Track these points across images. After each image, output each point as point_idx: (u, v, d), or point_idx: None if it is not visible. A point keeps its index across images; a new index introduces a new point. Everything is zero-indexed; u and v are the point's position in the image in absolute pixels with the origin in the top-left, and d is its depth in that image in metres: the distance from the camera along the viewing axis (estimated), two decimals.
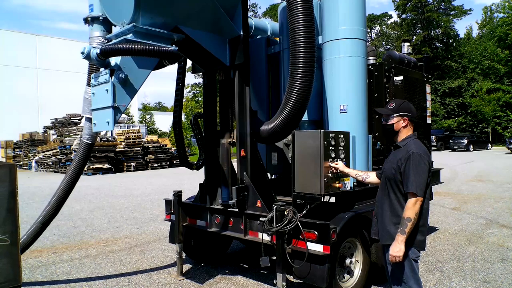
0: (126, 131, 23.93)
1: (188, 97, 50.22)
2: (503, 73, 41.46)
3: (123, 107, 3.30)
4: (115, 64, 3.32)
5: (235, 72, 4.25)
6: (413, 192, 2.66)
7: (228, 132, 4.48)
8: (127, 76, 3.31)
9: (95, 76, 3.45)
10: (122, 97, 3.30)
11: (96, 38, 3.93)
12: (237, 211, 4.20)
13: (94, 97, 3.47)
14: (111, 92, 3.21)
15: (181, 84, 5.18)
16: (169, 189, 11.90)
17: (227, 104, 4.48)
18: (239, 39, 4.17)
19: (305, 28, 3.77)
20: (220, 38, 4.20)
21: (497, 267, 4.98)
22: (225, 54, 4.25)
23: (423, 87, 5.95)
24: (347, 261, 4.03)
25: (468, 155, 27.13)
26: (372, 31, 58.74)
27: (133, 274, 5.02)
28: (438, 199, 9.84)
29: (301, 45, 3.78)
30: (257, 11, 49.68)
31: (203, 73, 4.73)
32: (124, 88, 3.31)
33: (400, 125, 2.93)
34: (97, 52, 3.14)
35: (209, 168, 4.61)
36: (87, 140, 4.26)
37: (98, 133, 4.23)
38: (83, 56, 3.24)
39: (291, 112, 3.92)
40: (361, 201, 4.40)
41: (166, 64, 4.11)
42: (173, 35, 3.65)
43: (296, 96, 3.86)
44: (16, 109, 31.12)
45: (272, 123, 4.13)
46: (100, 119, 3.44)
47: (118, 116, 3.35)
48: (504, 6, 43.85)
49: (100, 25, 4.08)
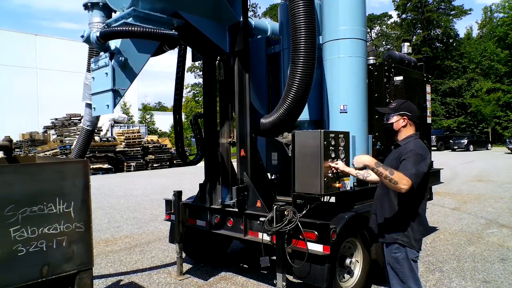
0: (126, 131, 23.94)
1: (188, 97, 50.24)
2: (503, 73, 41.46)
3: (122, 90, 3.29)
4: (114, 47, 3.31)
5: (235, 59, 4.25)
6: (408, 176, 2.56)
7: (228, 132, 4.48)
8: (127, 59, 3.30)
9: (95, 60, 3.44)
10: (121, 80, 3.29)
11: (95, 24, 3.91)
12: (237, 211, 4.20)
13: (94, 81, 3.46)
14: (110, 76, 3.20)
15: (181, 73, 5.22)
16: (169, 189, 11.89)
17: (227, 97, 4.47)
18: (239, 26, 4.17)
19: (306, 20, 3.78)
20: (220, 25, 4.20)
21: (497, 267, 4.98)
22: (225, 41, 4.26)
23: (423, 87, 5.95)
24: (347, 261, 4.03)
25: (468, 155, 27.14)
26: (372, 31, 58.75)
27: (133, 274, 5.01)
28: (438, 199, 9.84)
29: (302, 36, 3.78)
30: (257, 11, 49.72)
31: (203, 61, 4.74)
32: (124, 71, 3.31)
33: (400, 124, 2.93)
34: (97, 35, 3.13)
35: (209, 168, 4.61)
36: (88, 126, 4.25)
37: (98, 118, 4.21)
38: (82, 39, 3.22)
39: (292, 104, 3.91)
40: (361, 201, 4.40)
41: (166, 49, 4.10)
42: (173, 20, 3.66)
43: (296, 88, 3.85)
44: (16, 109, 31.08)
45: (272, 116, 4.13)
46: (99, 103, 3.43)
47: (118, 100, 3.33)
48: (504, 6, 43.85)
49: (100, 11, 4.06)
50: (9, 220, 2.23)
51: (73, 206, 2.50)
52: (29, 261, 2.32)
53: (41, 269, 2.37)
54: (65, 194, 2.47)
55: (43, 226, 2.37)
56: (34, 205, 2.33)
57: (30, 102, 32.59)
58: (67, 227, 2.48)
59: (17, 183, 2.28)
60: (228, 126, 4.50)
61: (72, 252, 2.51)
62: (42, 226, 2.36)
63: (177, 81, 5.23)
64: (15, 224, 2.26)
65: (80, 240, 2.55)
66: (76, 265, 2.54)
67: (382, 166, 2.64)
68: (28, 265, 2.31)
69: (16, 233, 2.26)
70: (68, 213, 2.48)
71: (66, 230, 2.47)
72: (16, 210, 2.26)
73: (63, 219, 2.46)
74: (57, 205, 2.43)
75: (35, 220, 2.34)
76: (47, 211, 2.38)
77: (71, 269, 2.51)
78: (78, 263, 2.54)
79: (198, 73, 49.86)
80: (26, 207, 2.30)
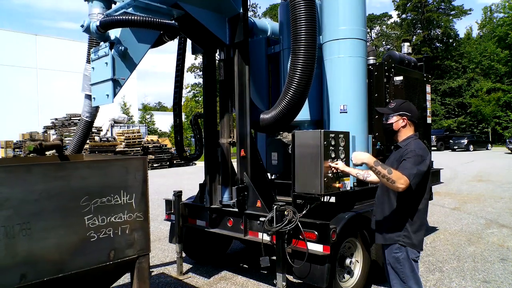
0: (126, 131, 23.92)
1: (188, 97, 50.22)
2: (503, 73, 41.44)
3: (122, 80, 3.29)
4: (114, 37, 3.32)
5: (235, 51, 4.26)
6: (406, 176, 2.56)
7: (228, 132, 4.48)
8: (127, 49, 3.31)
9: (95, 50, 3.45)
10: (121, 70, 3.30)
11: (95, 15, 3.93)
12: (237, 211, 4.20)
13: (94, 71, 3.46)
14: (110, 65, 3.21)
15: (181, 65, 5.23)
16: (169, 189, 11.87)
17: (227, 91, 4.47)
18: (239, 18, 4.18)
19: (307, 18, 3.79)
20: (220, 17, 4.21)
21: (497, 267, 4.98)
22: (224, 33, 4.27)
23: (423, 87, 5.95)
24: (347, 261, 4.03)
25: (468, 155, 27.13)
26: (372, 31, 58.74)
27: None
28: (438, 199, 9.84)
29: (302, 32, 3.79)
30: (257, 11, 49.71)
31: (203, 54, 4.75)
32: (124, 61, 3.31)
33: (399, 124, 2.93)
34: (97, 24, 3.14)
35: (209, 168, 4.61)
36: (87, 117, 4.25)
37: (97, 110, 4.22)
38: (82, 29, 3.23)
39: (292, 100, 3.92)
40: (361, 201, 4.40)
41: (166, 40, 4.10)
42: (173, 11, 3.68)
43: (297, 82, 3.86)
44: (16, 109, 31.08)
45: (272, 111, 4.13)
46: (99, 93, 3.43)
47: (118, 89, 3.34)
48: (504, 6, 43.81)
49: (100, 2, 4.06)
50: (84, 209, 2.51)
51: (134, 197, 2.76)
52: (99, 246, 2.59)
53: (108, 254, 2.63)
54: (128, 187, 2.73)
55: (110, 215, 2.64)
56: (104, 196, 2.60)
57: (30, 102, 32.58)
58: (130, 216, 2.74)
59: (90, 177, 2.56)
60: (228, 126, 4.50)
61: (133, 239, 2.77)
62: (110, 215, 2.63)
63: (177, 74, 5.26)
64: (88, 213, 2.53)
65: (140, 228, 2.80)
66: (137, 250, 2.79)
67: (380, 165, 2.64)
68: (99, 250, 2.59)
69: (89, 221, 2.53)
70: (131, 204, 2.75)
71: (129, 219, 2.73)
72: (90, 201, 2.54)
73: (127, 209, 2.72)
74: (122, 197, 2.70)
75: (104, 210, 2.61)
76: (114, 202, 2.66)
77: (133, 254, 2.78)
78: (138, 248, 2.80)
79: (198, 73, 49.86)
80: (97, 198, 2.57)
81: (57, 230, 2.40)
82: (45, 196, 2.35)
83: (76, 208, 2.48)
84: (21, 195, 2.27)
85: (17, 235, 2.24)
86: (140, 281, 2.84)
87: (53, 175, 2.41)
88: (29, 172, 2.33)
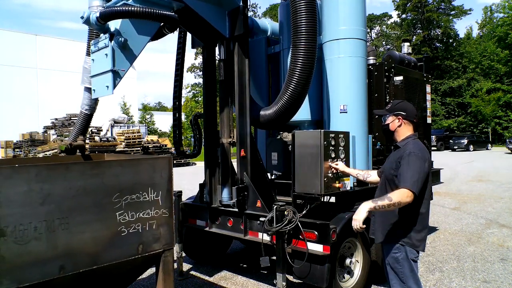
0: (126, 131, 23.91)
1: (188, 97, 50.24)
2: (503, 73, 41.44)
3: (122, 71, 3.29)
4: (114, 29, 3.32)
5: (235, 44, 4.25)
6: (408, 187, 2.58)
7: (228, 132, 4.48)
8: (127, 40, 3.32)
9: (95, 42, 3.44)
10: (121, 61, 3.30)
11: (95, 8, 3.93)
12: (237, 211, 4.20)
13: (94, 63, 3.46)
14: (110, 56, 3.20)
15: (181, 59, 5.22)
16: None
17: (227, 88, 4.47)
18: (239, 11, 4.18)
19: (307, 16, 3.78)
20: (219, 10, 4.21)
21: (497, 267, 4.98)
22: (224, 26, 4.27)
23: (423, 87, 5.95)
24: (347, 261, 4.03)
25: (468, 155, 27.13)
26: (372, 31, 58.76)
27: None
28: (438, 199, 9.84)
29: (303, 29, 3.79)
30: (257, 11, 49.73)
31: (203, 48, 4.74)
32: (123, 52, 3.31)
33: (395, 124, 2.92)
34: (97, 15, 3.14)
35: (209, 168, 4.61)
36: (86, 110, 4.23)
37: (97, 102, 4.21)
38: (82, 20, 3.22)
39: (292, 96, 3.91)
40: (361, 201, 4.38)
41: (166, 33, 4.10)
42: (173, 3, 3.67)
43: (297, 79, 3.85)
44: (16, 109, 31.10)
45: (272, 108, 4.13)
46: (99, 84, 3.42)
47: (118, 81, 3.33)
48: (504, 6, 43.83)
49: None
50: (115, 205, 2.65)
51: (160, 195, 2.90)
52: (129, 240, 2.73)
53: (137, 247, 2.78)
54: (155, 184, 2.87)
55: (139, 212, 2.78)
56: (133, 193, 2.75)
57: (30, 102, 32.60)
58: (156, 213, 2.88)
59: (122, 175, 2.70)
60: (228, 126, 4.50)
61: (159, 233, 2.91)
62: (138, 211, 2.78)
63: (177, 68, 5.23)
64: (119, 209, 2.67)
65: (165, 224, 2.94)
66: (162, 244, 2.93)
67: (378, 200, 2.65)
68: (128, 244, 2.72)
69: (120, 217, 2.67)
70: (157, 200, 2.88)
71: (155, 215, 2.87)
72: (121, 198, 2.68)
73: (154, 205, 2.86)
74: (149, 194, 2.84)
75: (134, 206, 2.75)
76: (142, 199, 2.80)
77: (159, 248, 2.92)
78: (164, 243, 2.94)
79: (198, 73, 49.87)
80: (128, 195, 2.71)
81: (92, 225, 2.54)
82: (82, 193, 2.50)
83: (109, 204, 2.62)
84: (61, 191, 2.41)
85: (57, 229, 2.38)
86: (165, 273, 2.98)
87: (89, 173, 2.55)
88: (68, 170, 2.48)
